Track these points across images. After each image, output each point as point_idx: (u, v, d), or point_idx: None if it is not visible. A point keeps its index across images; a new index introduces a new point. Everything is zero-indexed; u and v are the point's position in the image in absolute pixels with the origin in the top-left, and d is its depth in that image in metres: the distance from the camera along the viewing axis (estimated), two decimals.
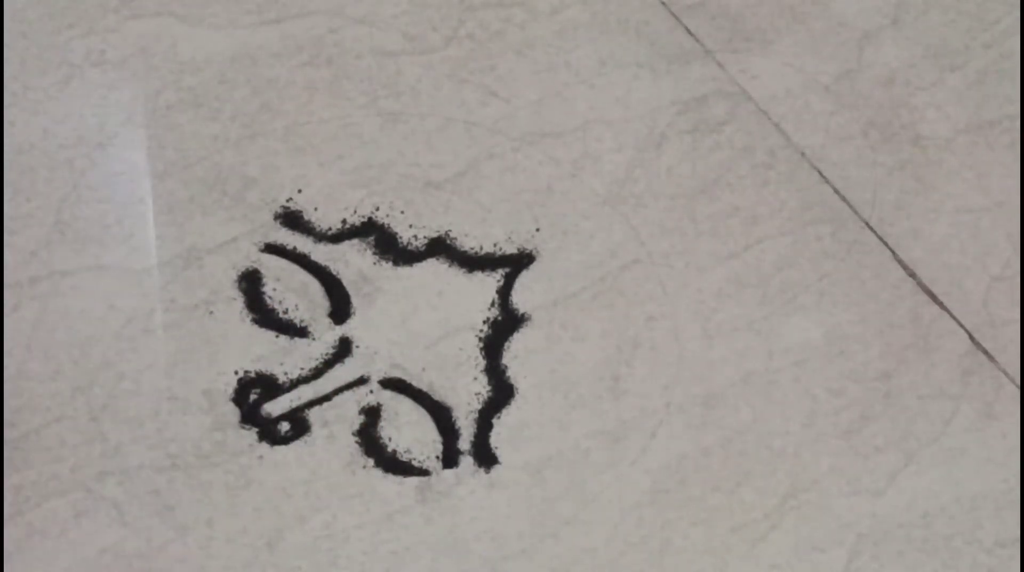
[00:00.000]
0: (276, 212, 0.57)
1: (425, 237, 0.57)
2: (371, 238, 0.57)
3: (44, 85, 0.59)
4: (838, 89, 0.63)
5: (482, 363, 0.55)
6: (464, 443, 0.53)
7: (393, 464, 0.52)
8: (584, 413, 0.54)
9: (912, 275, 0.58)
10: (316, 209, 0.57)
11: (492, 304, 0.56)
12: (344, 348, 0.54)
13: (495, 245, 0.57)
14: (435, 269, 0.57)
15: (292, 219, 0.57)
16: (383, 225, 0.57)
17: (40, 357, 0.53)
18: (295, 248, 0.56)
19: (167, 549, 0.50)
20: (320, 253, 0.56)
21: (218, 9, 0.62)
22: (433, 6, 0.63)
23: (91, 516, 0.50)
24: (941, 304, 0.57)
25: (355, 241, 0.57)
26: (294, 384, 0.54)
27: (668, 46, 0.63)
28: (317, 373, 0.54)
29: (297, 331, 0.55)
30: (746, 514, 0.52)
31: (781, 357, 0.56)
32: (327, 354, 0.54)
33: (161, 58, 0.60)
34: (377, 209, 0.58)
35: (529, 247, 0.57)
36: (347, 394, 0.54)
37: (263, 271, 0.56)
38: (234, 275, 0.56)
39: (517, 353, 0.55)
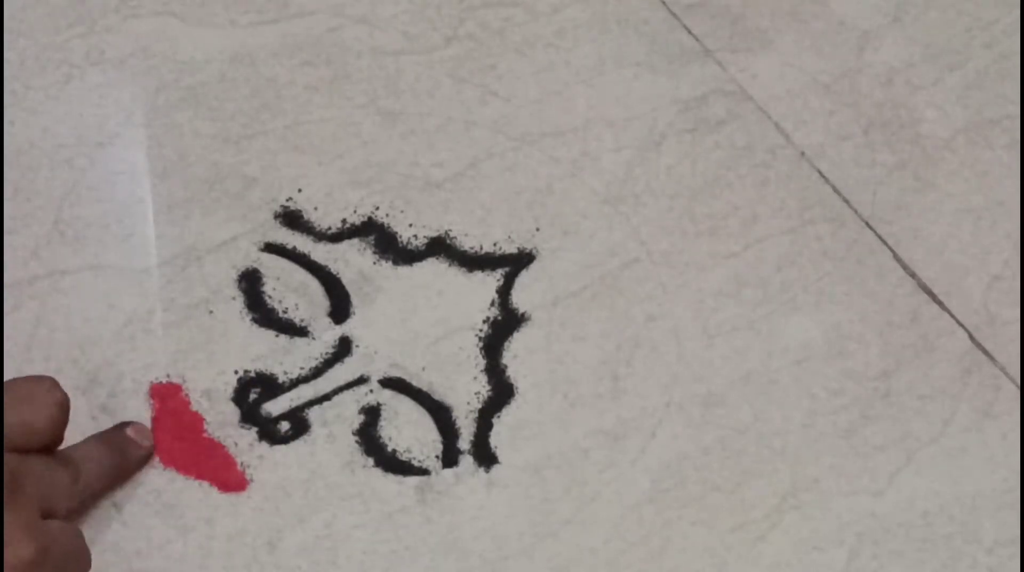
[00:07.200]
0: (276, 212, 0.57)
1: (425, 237, 0.57)
2: (371, 238, 0.57)
3: (44, 85, 0.59)
4: (838, 89, 0.63)
5: (482, 363, 0.55)
6: (464, 443, 0.53)
7: (393, 464, 0.52)
8: (584, 413, 0.54)
9: (912, 275, 0.58)
10: (316, 209, 0.57)
11: (492, 304, 0.56)
12: (344, 348, 0.54)
13: (495, 245, 0.57)
14: (435, 269, 0.57)
15: (292, 219, 0.57)
16: (383, 224, 0.57)
17: (40, 357, 0.53)
18: (295, 248, 0.57)
19: (167, 549, 0.50)
20: (320, 253, 0.56)
21: (218, 9, 0.62)
22: (433, 6, 0.63)
23: (91, 515, 0.50)
24: (941, 304, 0.57)
25: (355, 241, 0.57)
26: (294, 383, 0.54)
27: (668, 46, 0.63)
28: (317, 372, 0.54)
29: (297, 331, 0.55)
30: (746, 514, 0.52)
31: (781, 357, 0.56)
32: (327, 353, 0.54)
33: (161, 58, 0.60)
34: (377, 208, 0.58)
35: (529, 247, 0.57)
36: (347, 394, 0.54)
37: (263, 271, 0.56)
38: (234, 275, 0.56)
39: (517, 353, 0.55)
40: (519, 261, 0.57)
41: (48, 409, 0.46)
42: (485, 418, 0.53)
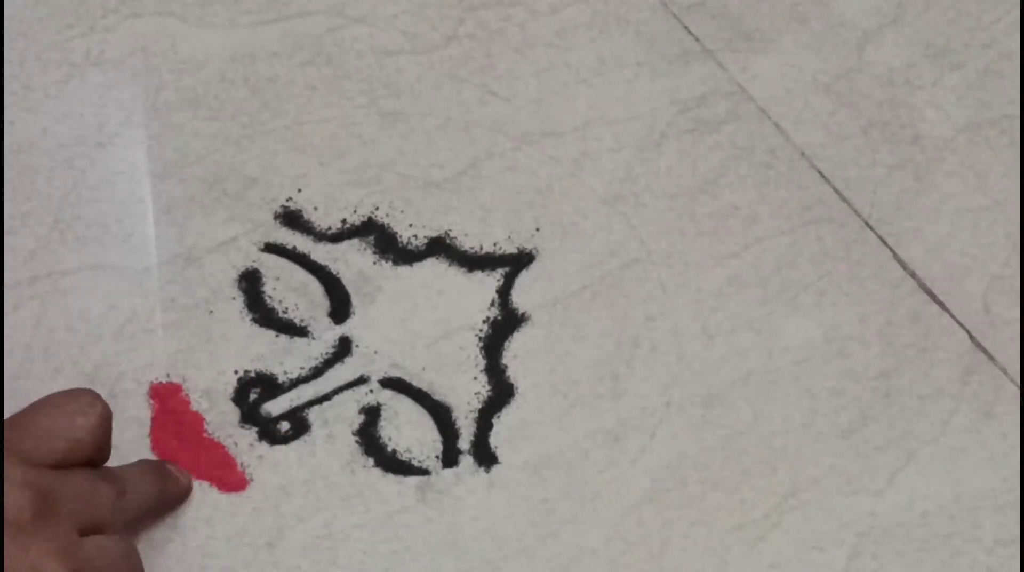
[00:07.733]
0: (276, 212, 0.57)
1: (425, 237, 0.57)
2: (371, 238, 0.57)
3: (44, 85, 0.59)
4: (838, 89, 0.63)
5: (482, 363, 0.55)
6: (464, 443, 0.53)
7: (393, 464, 0.52)
8: (584, 413, 0.54)
9: (912, 275, 0.58)
10: (316, 209, 0.57)
11: (492, 304, 0.56)
12: (344, 348, 0.54)
13: (495, 245, 0.57)
14: (435, 269, 0.57)
15: (292, 219, 0.57)
16: (383, 225, 0.57)
17: (40, 357, 0.53)
18: (295, 248, 0.57)
19: (167, 549, 0.50)
20: (320, 253, 0.56)
21: (218, 9, 0.62)
22: (433, 6, 0.63)
23: None
24: (941, 304, 0.57)
25: (355, 241, 0.57)
26: (294, 384, 0.54)
27: (668, 46, 0.63)
28: (317, 373, 0.54)
29: (297, 331, 0.55)
30: (746, 514, 0.52)
31: (781, 357, 0.56)
32: (327, 354, 0.54)
33: (161, 58, 0.60)
34: (377, 209, 0.58)
35: (529, 247, 0.57)
36: (347, 394, 0.54)
37: (263, 271, 0.56)
38: (234, 275, 0.56)
39: (517, 353, 0.55)
40: (519, 261, 0.57)
41: (88, 421, 0.45)
42: (485, 418, 0.53)
